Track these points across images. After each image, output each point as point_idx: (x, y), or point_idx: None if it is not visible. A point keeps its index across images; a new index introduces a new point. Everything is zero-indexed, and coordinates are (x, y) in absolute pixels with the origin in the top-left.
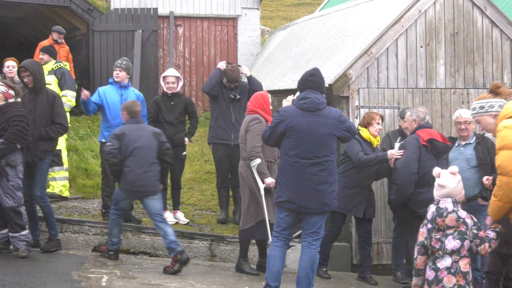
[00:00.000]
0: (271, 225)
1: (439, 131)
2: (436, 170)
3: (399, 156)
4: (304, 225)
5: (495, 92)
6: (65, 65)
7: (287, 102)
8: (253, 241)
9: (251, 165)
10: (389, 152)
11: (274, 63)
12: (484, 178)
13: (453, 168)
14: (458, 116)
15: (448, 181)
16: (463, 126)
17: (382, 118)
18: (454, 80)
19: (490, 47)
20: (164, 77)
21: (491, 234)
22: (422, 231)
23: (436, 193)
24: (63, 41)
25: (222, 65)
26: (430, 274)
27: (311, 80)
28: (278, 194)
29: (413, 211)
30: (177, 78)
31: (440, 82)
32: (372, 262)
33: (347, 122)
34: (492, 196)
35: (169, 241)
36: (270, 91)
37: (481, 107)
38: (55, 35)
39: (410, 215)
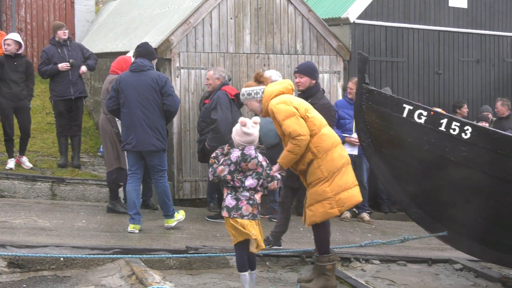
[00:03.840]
0: None
1: None
2: (242, 119)
3: None
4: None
5: (258, 80)
6: None
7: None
8: None
9: (116, 120)
10: None
11: (107, 29)
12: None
13: (256, 118)
14: (268, 78)
15: (253, 130)
16: None
17: None
18: (258, 47)
19: (286, 20)
20: (4, 40)
21: (279, 176)
22: (223, 169)
23: (241, 139)
24: None
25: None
26: (231, 202)
27: (138, 50)
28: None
29: None
30: (15, 41)
31: (246, 48)
32: (190, 197)
33: (166, 86)
34: (286, 152)
35: None
36: (103, 54)
37: (249, 94)
38: None
39: None
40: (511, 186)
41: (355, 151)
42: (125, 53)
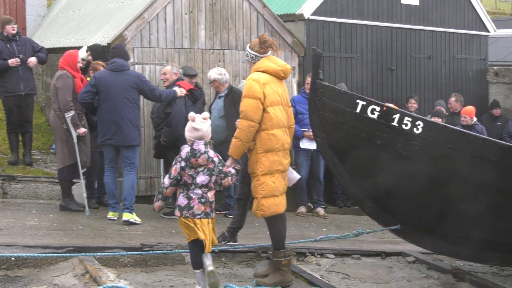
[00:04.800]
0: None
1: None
2: (191, 114)
3: None
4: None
5: (260, 41)
6: None
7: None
8: None
9: (66, 117)
10: None
11: (59, 24)
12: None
13: (205, 114)
14: (208, 77)
15: (202, 125)
16: (211, 84)
17: None
18: (213, 42)
19: (241, 16)
20: None
21: (233, 171)
22: (176, 167)
23: (190, 134)
24: None
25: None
26: (183, 201)
27: (114, 51)
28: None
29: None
30: None
31: (201, 43)
32: (145, 194)
33: (145, 83)
34: (233, 139)
35: None
36: (56, 49)
37: (246, 50)
38: None
39: (175, 153)
40: (461, 180)
41: (313, 146)
42: (78, 48)
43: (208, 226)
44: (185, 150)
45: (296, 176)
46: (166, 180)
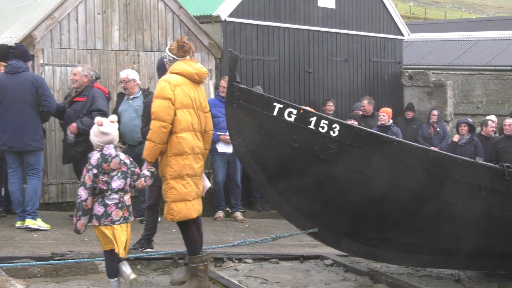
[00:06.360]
0: None
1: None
2: (98, 119)
3: None
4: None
5: (179, 45)
6: None
7: None
8: None
9: None
10: None
11: None
12: None
13: (113, 117)
14: (125, 77)
15: (111, 129)
16: (126, 85)
17: None
18: (127, 44)
19: (156, 17)
20: None
21: (146, 173)
22: (89, 175)
23: (99, 139)
24: None
25: None
26: (99, 210)
27: (13, 52)
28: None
29: None
30: None
31: (115, 44)
32: (57, 200)
33: (42, 87)
34: (146, 141)
35: None
36: None
37: (165, 53)
38: None
39: None
40: (378, 182)
41: (230, 149)
42: None
43: (127, 231)
44: (95, 156)
45: (207, 184)
46: (82, 192)
